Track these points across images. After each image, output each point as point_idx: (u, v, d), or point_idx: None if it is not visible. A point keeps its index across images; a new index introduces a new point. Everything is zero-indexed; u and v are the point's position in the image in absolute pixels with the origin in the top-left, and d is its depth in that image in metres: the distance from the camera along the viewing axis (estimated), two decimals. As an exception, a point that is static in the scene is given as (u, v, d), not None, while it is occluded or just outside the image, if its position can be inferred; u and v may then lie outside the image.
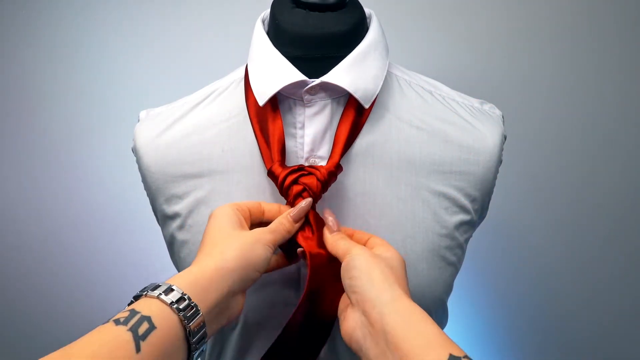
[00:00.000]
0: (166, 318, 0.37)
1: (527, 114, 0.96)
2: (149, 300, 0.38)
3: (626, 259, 1.02)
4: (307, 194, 0.49)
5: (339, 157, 0.50)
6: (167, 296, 0.38)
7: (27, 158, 1.13)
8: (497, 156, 0.55)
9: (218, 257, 0.43)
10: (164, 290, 0.38)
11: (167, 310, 0.37)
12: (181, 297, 0.38)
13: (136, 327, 0.35)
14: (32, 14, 1.04)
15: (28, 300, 1.24)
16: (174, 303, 0.37)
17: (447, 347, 0.35)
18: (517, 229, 1.04)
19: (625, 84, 0.94)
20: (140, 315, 0.36)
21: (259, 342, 0.55)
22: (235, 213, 0.47)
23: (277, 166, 0.49)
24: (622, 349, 1.06)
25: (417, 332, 0.37)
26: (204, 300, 0.40)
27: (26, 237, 1.19)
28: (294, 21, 0.50)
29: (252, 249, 0.44)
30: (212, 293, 0.41)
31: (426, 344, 0.35)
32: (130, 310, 0.36)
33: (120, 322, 0.35)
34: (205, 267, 0.42)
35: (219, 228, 0.46)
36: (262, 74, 0.51)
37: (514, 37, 0.93)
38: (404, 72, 0.58)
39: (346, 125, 0.50)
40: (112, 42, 1.03)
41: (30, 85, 1.08)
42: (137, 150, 0.56)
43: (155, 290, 0.38)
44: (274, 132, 0.50)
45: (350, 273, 0.43)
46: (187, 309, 0.38)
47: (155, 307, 0.37)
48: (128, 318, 0.35)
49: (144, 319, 0.35)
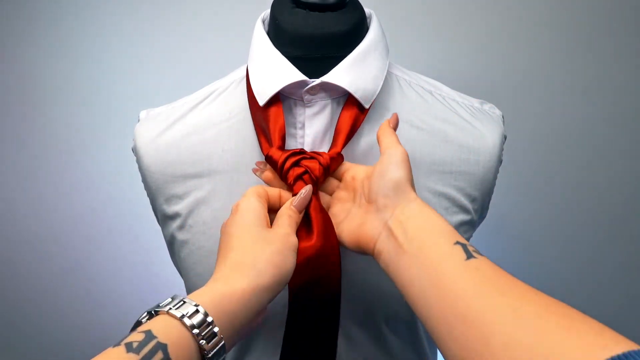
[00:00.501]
0: (184, 347, 0.33)
1: (527, 114, 0.96)
2: (169, 320, 0.34)
3: (627, 259, 1.02)
4: (308, 177, 0.47)
5: (341, 146, 0.49)
6: (190, 319, 0.34)
7: (27, 158, 1.13)
8: (497, 156, 0.55)
9: (251, 272, 0.39)
10: (189, 313, 0.35)
11: (187, 337, 0.34)
12: (204, 320, 0.35)
13: (149, 357, 0.32)
14: (32, 14, 1.04)
15: (28, 300, 1.24)
16: (196, 328, 0.34)
17: (455, 236, 0.39)
18: (517, 229, 1.04)
19: (625, 84, 0.94)
20: (156, 341, 0.32)
21: (259, 343, 0.55)
22: (263, 207, 0.44)
23: (275, 149, 0.48)
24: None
25: (432, 227, 0.40)
26: (229, 324, 0.37)
27: (26, 236, 1.19)
28: (294, 21, 0.50)
29: (285, 258, 0.41)
30: (240, 316, 0.38)
31: (439, 232, 0.39)
32: (146, 332, 0.33)
33: (132, 347, 0.32)
34: (237, 287, 0.38)
35: (247, 229, 0.42)
36: (263, 74, 0.51)
37: (514, 38, 0.93)
38: (404, 72, 0.58)
39: (348, 116, 0.50)
40: (112, 42, 1.03)
41: (30, 85, 1.08)
42: (137, 150, 0.56)
43: (179, 310, 0.35)
44: (276, 123, 0.49)
45: (392, 167, 0.44)
46: (209, 337, 0.35)
47: (174, 332, 0.34)
48: (142, 344, 0.32)
49: (159, 348, 0.32)
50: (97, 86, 1.06)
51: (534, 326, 0.29)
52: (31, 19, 1.04)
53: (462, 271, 0.35)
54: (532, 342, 0.28)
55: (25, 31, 1.05)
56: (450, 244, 0.38)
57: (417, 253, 0.39)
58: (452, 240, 0.38)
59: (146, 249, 1.14)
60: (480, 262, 0.36)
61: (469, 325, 0.32)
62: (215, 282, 0.39)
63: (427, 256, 0.38)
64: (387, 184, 0.43)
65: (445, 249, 0.38)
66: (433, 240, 0.39)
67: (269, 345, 0.55)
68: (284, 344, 0.49)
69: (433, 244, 0.38)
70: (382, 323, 0.54)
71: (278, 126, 0.49)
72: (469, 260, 0.36)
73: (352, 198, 0.49)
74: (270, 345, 0.55)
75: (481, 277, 0.34)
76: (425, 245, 0.39)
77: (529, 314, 0.30)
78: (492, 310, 0.32)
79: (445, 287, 0.35)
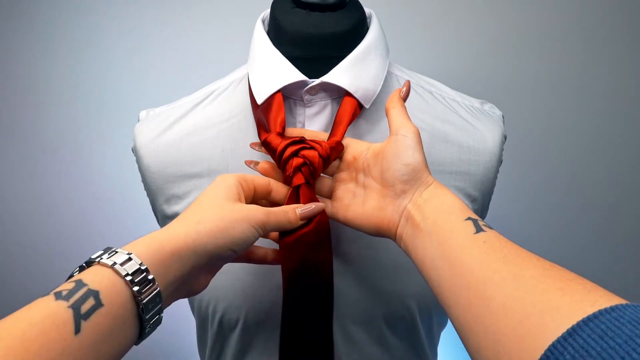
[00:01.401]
0: (117, 293, 0.32)
1: (527, 114, 0.96)
2: (101, 269, 0.33)
3: (627, 258, 1.02)
4: (307, 170, 0.46)
5: (341, 136, 0.48)
6: (122, 266, 0.33)
7: (27, 158, 1.13)
8: (498, 156, 0.55)
9: (192, 225, 0.38)
10: (121, 261, 0.34)
11: (120, 284, 0.33)
12: (138, 268, 0.34)
13: (79, 303, 0.30)
14: (32, 14, 1.04)
15: (28, 299, 1.24)
16: (129, 275, 0.33)
17: (467, 213, 0.40)
18: (517, 229, 1.04)
19: (625, 84, 0.94)
20: (87, 288, 0.31)
21: (259, 342, 0.55)
22: (236, 185, 0.43)
23: (274, 135, 0.47)
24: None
25: (443, 204, 0.42)
26: (164, 274, 0.36)
27: (26, 236, 1.19)
28: (294, 21, 0.50)
29: (235, 225, 0.40)
30: (174, 267, 0.37)
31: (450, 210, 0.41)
32: (77, 281, 0.32)
33: (62, 295, 0.31)
34: (173, 235, 0.37)
35: (211, 195, 0.42)
36: (262, 74, 0.51)
37: (514, 38, 0.93)
38: (404, 72, 0.58)
39: (347, 107, 0.49)
40: (112, 42, 1.03)
41: (30, 85, 1.08)
42: (137, 150, 0.56)
43: (111, 258, 0.34)
44: (277, 115, 0.48)
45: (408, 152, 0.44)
46: (143, 284, 0.34)
47: (106, 279, 0.33)
48: (72, 291, 0.31)
49: (90, 294, 0.31)
50: (97, 86, 1.06)
51: (531, 287, 0.31)
52: (31, 19, 1.04)
53: (470, 244, 0.37)
54: (528, 300, 0.30)
55: (25, 31, 1.05)
56: (461, 219, 0.39)
57: (431, 230, 0.40)
58: (464, 216, 0.40)
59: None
60: (488, 235, 0.37)
61: (473, 292, 0.34)
62: (158, 231, 0.38)
63: (439, 232, 0.40)
64: (405, 169, 0.44)
65: (456, 224, 0.39)
66: (445, 217, 0.40)
67: (270, 344, 0.55)
68: (282, 335, 0.49)
69: (445, 221, 0.40)
70: (382, 323, 0.54)
71: (280, 118, 0.48)
72: (477, 233, 0.38)
73: (353, 178, 0.48)
74: (271, 344, 0.55)
75: (487, 248, 0.36)
76: (437, 222, 0.40)
77: (527, 278, 0.32)
78: (494, 277, 0.33)
79: (454, 259, 0.37)
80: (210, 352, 0.59)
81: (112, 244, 1.21)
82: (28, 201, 1.16)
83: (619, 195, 0.99)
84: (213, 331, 0.56)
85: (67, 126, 1.09)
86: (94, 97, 1.07)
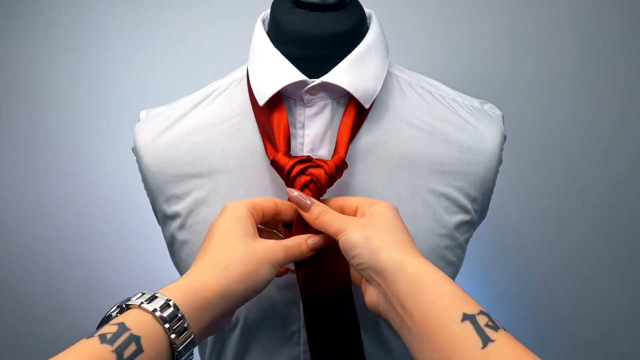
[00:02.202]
0: (156, 340, 0.34)
1: (527, 114, 0.96)
2: (142, 314, 0.35)
3: (627, 258, 1.02)
4: (314, 186, 0.48)
5: (344, 153, 0.49)
6: (162, 313, 0.35)
7: (27, 158, 1.13)
8: (497, 156, 0.55)
9: (222, 273, 0.40)
10: (160, 307, 0.35)
11: (159, 331, 0.34)
12: (176, 316, 0.35)
13: (122, 348, 0.32)
14: (32, 14, 1.04)
15: (28, 299, 1.24)
16: (168, 322, 0.35)
17: (459, 306, 0.35)
18: (517, 229, 1.04)
19: (626, 84, 0.94)
20: (129, 333, 0.33)
21: (259, 342, 0.55)
22: (249, 217, 0.44)
23: (281, 155, 0.48)
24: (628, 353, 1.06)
25: (427, 297, 0.37)
26: (198, 320, 0.37)
27: (26, 236, 1.19)
28: (294, 21, 0.50)
29: (259, 269, 0.41)
30: (208, 314, 0.38)
31: (438, 308, 0.36)
32: (120, 324, 0.34)
33: (106, 339, 0.32)
34: (207, 284, 0.39)
35: (229, 230, 0.43)
36: (263, 74, 0.51)
37: (514, 38, 0.93)
38: (404, 72, 0.57)
39: (349, 122, 0.50)
40: (112, 42, 1.03)
41: (30, 85, 1.08)
42: (137, 150, 0.56)
43: (151, 304, 0.35)
44: (279, 125, 0.49)
45: (352, 253, 0.41)
46: (179, 332, 0.35)
47: (147, 326, 0.34)
48: (116, 335, 0.33)
49: (132, 340, 0.33)
50: (97, 86, 1.06)
51: None
52: (31, 19, 1.04)
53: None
54: None
55: (25, 31, 1.05)
56: (456, 321, 0.34)
57: (423, 334, 0.36)
58: (457, 315, 0.35)
59: (146, 249, 1.14)
60: (499, 348, 0.33)
61: None
62: (189, 277, 0.39)
63: (435, 340, 0.35)
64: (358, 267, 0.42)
65: (454, 331, 0.34)
66: (435, 321, 0.35)
67: (270, 344, 0.55)
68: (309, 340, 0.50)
69: (438, 326, 0.35)
70: (383, 324, 0.54)
71: (282, 130, 0.49)
72: (486, 348, 0.33)
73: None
74: (270, 345, 0.55)
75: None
76: (428, 325, 0.35)
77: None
78: None
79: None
80: (210, 352, 0.59)
81: (112, 244, 1.20)
82: (28, 201, 1.16)
83: (619, 195, 0.99)
84: (213, 331, 0.56)
85: (67, 126, 1.09)
86: (94, 97, 1.07)
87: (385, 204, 0.45)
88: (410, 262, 0.39)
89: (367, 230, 0.42)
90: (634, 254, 1.01)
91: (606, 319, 1.05)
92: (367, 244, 0.41)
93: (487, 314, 0.35)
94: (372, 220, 0.43)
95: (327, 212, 0.45)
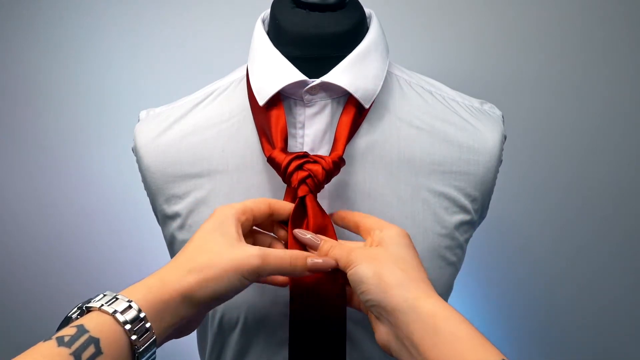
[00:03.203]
0: (116, 341, 0.34)
1: (527, 114, 0.96)
2: (102, 316, 0.34)
3: (627, 257, 1.02)
4: (311, 181, 0.47)
5: (342, 150, 0.49)
6: (122, 315, 0.34)
7: (27, 158, 1.13)
8: (497, 156, 0.55)
9: (183, 277, 0.39)
10: (121, 309, 0.35)
11: (119, 332, 0.34)
12: (137, 317, 0.35)
13: (80, 350, 0.32)
14: (32, 14, 1.04)
15: (28, 298, 1.24)
16: (128, 323, 0.34)
17: (481, 352, 0.34)
18: (517, 229, 1.03)
19: (625, 84, 0.94)
20: (88, 335, 0.33)
21: (259, 342, 0.55)
22: (234, 222, 0.43)
23: (278, 152, 0.48)
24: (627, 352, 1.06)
25: (445, 340, 0.35)
26: (159, 322, 0.37)
27: (26, 236, 1.19)
28: (294, 21, 0.50)
29: (223, 276, 0.39)
30: (168, 316, 0.37)
31: (456, 353, 0.34)
32: (79, 326, 0.33)
33: (64, 342, 0.32)
34: (167, 286, 0.38)
35: (207, 234, 0.42)
36: (263, 74, 0.51)
37: (514, 38, 0.93)
38: (404, 72, 0.58)
39: (348, 120, 0.50)
40: (112, 42, 1.03)
41: (30, 85, 1.08)
42: (137, 150, 0.56)
43: (111, 306, 0.35)
44: (277, 124, 0.49)
45: (360, 288, 0.40)
46: (140, 333, 0.35)
47: (107, 327, 0.34)
48: (74, 338, 0.32)
49: (92, 342, 0.32)
50: (97, 86, 1.06)
51: None
52: (31, 19, 1.04)
53: None
54: None
55: (25, 31, 1.05)
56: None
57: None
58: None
59: (146, 249, 1.14)
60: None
61: None
62: (152, 277, 0.39)
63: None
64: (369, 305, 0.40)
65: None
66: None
67: (269, 345, 0.55)
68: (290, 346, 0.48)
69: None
70: None
71: (280, 128, 0.49)
72: None
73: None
74: (270, 346, 0.55)
75: None
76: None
77: None
78: None
79: None
80: (210, 352, 0.59)
81: (112, 244, 1.20)
82: (28, 201, 1.16)
83: (619, 195, 0.99)
84: (213, 331, 0.56)
85: (67, 126, 1.09)
86: (94, 97, 1.07)
87: (397, 230, 0.44)
88: (424, 302, 0.37)
89: (377, 264, 0.40)
90: (634, 254, 1.01)
91: (606, 319, 1.05)
92: (377, 280, 0.39)
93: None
94: (382, 251, 0.42)
95: (336, 246, 0.44)
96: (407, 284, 0.38)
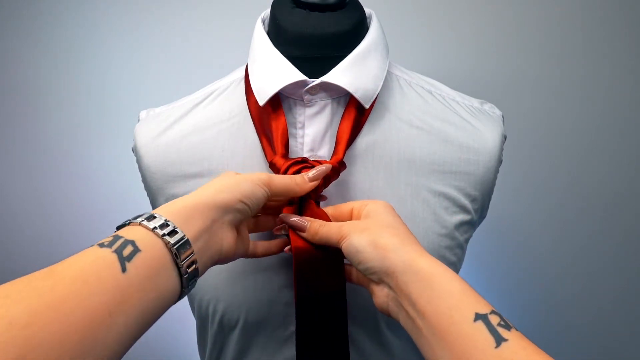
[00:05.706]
0: (151, 242, 0.36)
1: (527, 114, 0.96)
2: (132, 227, 0.37)
3: (627, 257, 1.02)
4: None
5: (342, 154, 0.49)
6: (149, 222, 0.37)
7: (27, 158, 1.13)
8: (497, 156, 0.55)
9: (204, 188, 0.42)
10: (147, 218, 0.37)
11: (151, 235, 0.36)
12: (164, 223, 0.37)
13: (120, 249, 0.34)
14: (32, 14, 1.04)
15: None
16: (157, 228, 0.37)
17: (471, 305, 0.36)
18: (517, 229, 1.04)
19: (625, 84, 0.94)
20: (123, 239, 0.35)
21: (259, 342, 0.55)
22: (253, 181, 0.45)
23: (279, 157, 0.49)
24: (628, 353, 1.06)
25: (439, 297, 0.37)
26: (188, 227, 0.38)
27: (26, 236, 1.19)
28: (294, 21, 0.50)
29: (240, 182, 0.43)
30: (196, 221, 0.39)
31: (449, 306, 0.36)
32: (114, 235, 0.36)
33: (104, 245, 0.35)
34: (187, 199, 0.41)
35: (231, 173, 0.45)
36: (263, 74, 0.51)
37: (515, 38, 0.93)
38: (404, 72, 0.58)
39: (348, 123, 0.50)
40: (112, 42, 1.03)
41: (30, 85, 1.08)
42: (137, 150, 0.56)
43: (138, 218, 0.38)
44: (277, 127, 0.50)
45: (357, 258, 0.41)
46: (171, 234, 0.37)
47: (138, 233, 0.36)
48: (112, 242, 0.35)
49: (128, 243, 0.35)
50: (97, 86, 1.06)
51: None
52: (31, 19, 1.04)
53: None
54: None
55: (25, 31, 1.05)
56: (469, 320, 0.34)
57: (436, 334, 0.36)
58: (470, 314, 0.35)
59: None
60: (512, 349, 0.33)
61: None
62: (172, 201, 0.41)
63: (448, 341, 0.35)
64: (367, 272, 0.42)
65: (466, 331, 0.34)
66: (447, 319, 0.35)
67: (270, 344, 0.55)
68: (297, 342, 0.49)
69: (450, 325, 0.35)
70: (383, 324, 0.54)
71: (280, 132, 0.50)
72: (499, 347, 0.33)
73: None
74: (270, 345, 0.55)
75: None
76: (440, 326, 0.36)
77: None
78: None
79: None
80: (210, 352, 0.59)
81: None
82: (28, 201, 1.16)
83: (619, 195, 0.99)
84: (213, 331, 0.56)
85: (67, 126, 1.09)
86: (94, 97, 1.07)
87: (378, 202, 0.46)
88: (420, 262, 0.39)
89: (369, 232, 0.42)
90: (634, 254, 1.01)
91: (606, 319, 1.05)
92: (373, 247, 0.41)
93: (498, 313, 0.35)
94: (371, 221, 0.43)
95: (324, 225, 0.45)
96: (402, 247, 0.40)
